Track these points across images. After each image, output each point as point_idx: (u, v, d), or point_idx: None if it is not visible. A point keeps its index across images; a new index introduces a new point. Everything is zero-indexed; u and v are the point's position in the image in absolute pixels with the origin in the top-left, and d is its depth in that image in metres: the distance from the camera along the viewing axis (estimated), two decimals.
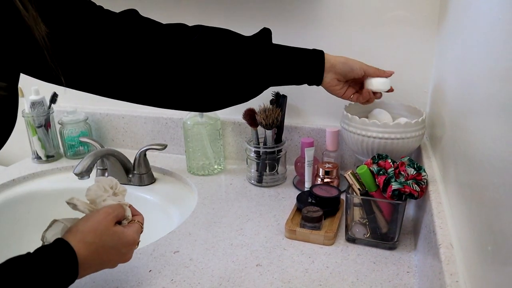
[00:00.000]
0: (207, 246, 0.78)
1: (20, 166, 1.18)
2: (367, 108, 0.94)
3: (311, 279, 0.68)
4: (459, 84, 0.67)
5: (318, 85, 0.79)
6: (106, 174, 1.09)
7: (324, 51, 0.78)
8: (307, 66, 0.76)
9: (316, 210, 0.80)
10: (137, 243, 0.63)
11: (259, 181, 1.02)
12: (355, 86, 0.84)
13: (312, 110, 1.08)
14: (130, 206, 0.66)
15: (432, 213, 0.64)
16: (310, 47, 0.78)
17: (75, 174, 0.94)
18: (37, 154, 1.20)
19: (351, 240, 0.78)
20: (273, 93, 1.02)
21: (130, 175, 1.07)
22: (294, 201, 0.90)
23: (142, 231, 0.65)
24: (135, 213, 0.66)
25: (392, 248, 0.75)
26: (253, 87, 0.74)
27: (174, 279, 0.69)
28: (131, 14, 0.67)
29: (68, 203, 0.62)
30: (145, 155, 1.06)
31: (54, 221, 0.61)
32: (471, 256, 0.49)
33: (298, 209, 0.86)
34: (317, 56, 0.76)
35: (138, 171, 1.06)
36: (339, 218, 0.83)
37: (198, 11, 1.07)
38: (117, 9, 0.67)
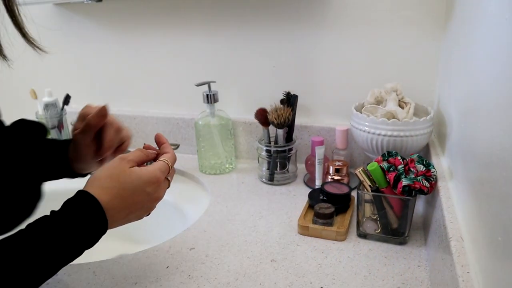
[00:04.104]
0: (222, 242, 0.80)
1: None
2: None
3: (324, 273, 0.70)
4: (465, 81, 0.69)
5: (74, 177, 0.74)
6: None
7: None
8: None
9: (328, 207, 0.82)
10: (161, 179, 0.59)
11: (271, 179, 1.04)
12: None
13: (322, 109, 1.10)
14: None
15: (442, 207, 0.66)
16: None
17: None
18: None
19: (363, 235, 0.80)
20: (284, 92, 1.04)
21: None
22: (305, 198, 0.92)
23: (170, 171, 0.62)
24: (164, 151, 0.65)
25: (402, 243, 0.77)
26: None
27: (191, 275, 0.71)
28: None
29: None
30: None
31: None
32: (482, 247, 0.50)
33: (310, 206, 0.88)
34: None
35: None
36: (350, 214, 0.85)
37: (210, 16, 1.10)
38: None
